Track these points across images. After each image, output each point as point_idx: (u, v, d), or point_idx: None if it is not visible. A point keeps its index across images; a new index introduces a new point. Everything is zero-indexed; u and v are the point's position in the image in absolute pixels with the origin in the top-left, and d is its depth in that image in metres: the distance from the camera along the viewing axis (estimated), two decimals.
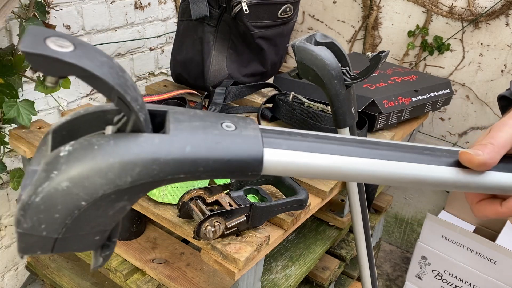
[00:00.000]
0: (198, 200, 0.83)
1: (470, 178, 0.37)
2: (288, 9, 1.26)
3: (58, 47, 0.25)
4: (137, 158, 0.28)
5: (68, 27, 1.32)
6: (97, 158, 0.27)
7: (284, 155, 0.33)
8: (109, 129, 0.29)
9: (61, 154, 0.27)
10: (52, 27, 1.06)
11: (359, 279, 1.39)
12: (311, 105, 1.10)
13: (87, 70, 0.25)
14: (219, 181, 0.93)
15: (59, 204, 0.26)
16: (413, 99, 1.23)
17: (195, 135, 0.30)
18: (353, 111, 0.86)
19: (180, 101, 1.20)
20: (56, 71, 0.25)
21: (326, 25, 1.88)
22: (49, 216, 0.26)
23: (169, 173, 0.29)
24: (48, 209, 0.26)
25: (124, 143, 0.28)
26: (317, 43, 0.82)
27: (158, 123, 0.31)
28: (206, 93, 1.25)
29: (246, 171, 0.31)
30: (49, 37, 0.25)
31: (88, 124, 0.30)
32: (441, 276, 1.55)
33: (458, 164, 0.37)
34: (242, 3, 1.15)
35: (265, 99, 1.22)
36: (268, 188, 0.95)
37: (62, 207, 0.26)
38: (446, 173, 0.36)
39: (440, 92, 1.32)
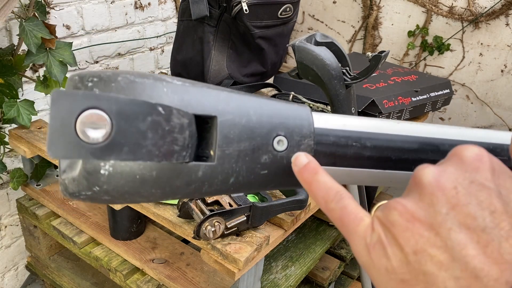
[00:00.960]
0: (198, 200, 0.83)
1: None
2: (288, 9, 1.26)
3: (89, 133, 0.22)
4: (178, 190, 0.27)
5: (68, 27, 1.32)
6: (138, 188, 0.26)
7: (331, 172, 0.31)
8: None
9: (101, 172, 0.25)
10: (52, 27, 1.06)
11: (359, 279, 1.39)
12: (311, 105, 1.10)
13: (123, 161, 0.24)
14: None
15: (103, 201, 0.27)
16: (413, 99, 1.23)
17: (242, 163, 0.28)
18: (353, 111, 0.86)
19: None
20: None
21: (326, 25, 1.88)
22: (96, 200, 0.27)
23: (209, 196, 0.29)
24: (94, 200, 0.27)
25: (167, 176, 0.27)
26: (317, 43, 0.82)
27: (206, 128, 0.29)
28: None
29: (286, 188, 0.31)
30: (82, 112, 0.22)
31: None
32: None
33: None
34: (242, 3, 1.15)
35: None
36: None
37: (107, 202, 0.27)
38: None
39: (440, 92, 1.32)
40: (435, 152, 0.32)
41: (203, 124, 0.29)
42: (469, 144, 0.26)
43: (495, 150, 0.33)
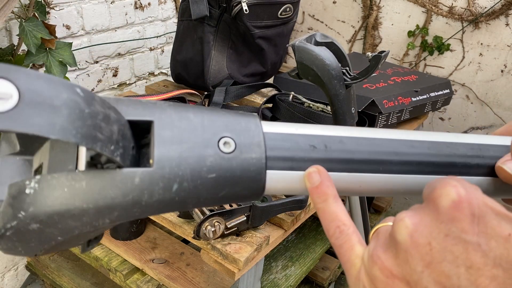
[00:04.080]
0: None
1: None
2: (288, 9, 1.26)
3: None
4: (114, 203, 0.24)
5: (68, 27, 1.32)
6: (68, 204, 0.23)
7: (288, 177, 0.29)
8: (82, 161, 0.25)
9: (27, 191, 0.23)
10: (52, 27, 1.06)
11: None
12: (311, 105, 1.10)
13: (33, 133, 0.21)
14: None
15: (32, 238, 0.24)
16: (413, 99, 1.23)
17: (185, 166, 0.25)
18: (353, 111, 0.86)
19: (180, 101, 1.20)
20: None
21: (326, 25, 1.88)
22: (24, 244, 0.24)
23: (154, 212, 0.25)
24: (21, 240, 0.24)
25: (99, 185, 0.24)
26: (317, 43, 0.82)
27: (144, 130, 0.27)
28: (206, 93, 1.25)
29: (242, 200, 0.28)
30: None
31: None
32: None
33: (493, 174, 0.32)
34: (242, 3, 1.15)
35: (265, 99, 1.22)
36: None
37: (36, 241, 0.24)
38: (482, 184, 0.31)
39: (440, 92, 1.32)
40: (403, 153, 0.30)
41: (144, 134, 0.26)
42: (447, 185, 0.24)
43: (472, 148, 0.31)
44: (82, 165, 0.25)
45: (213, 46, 1.24)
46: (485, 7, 1.50)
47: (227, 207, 0.81)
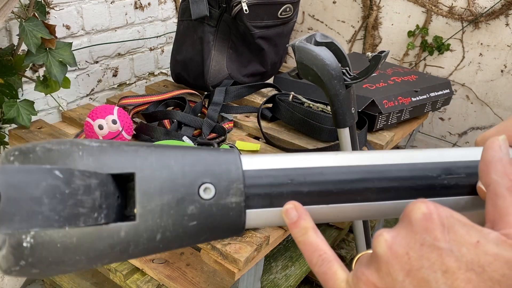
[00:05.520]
0: None
1: None
2: (288, 9, 1.26)
3: None
4: (103, 254, 0.26)
5: (68, 27, 1.32)
6: (61, 256, 0.25)
7: (267, 214, 0.30)
8: None
9: (24, 244, 0.25)
10: (52, 27, 1.06)
11: None
12: (311, 105, 1.10)
13: (15, 232, 0.24)
14: None
15: (33, 274, 0.26)
16: (413, 99, 1.23)
17: (167, 217, 0.27)
18: (353, 111, 0.86)
19: (180, 101, 1.20)
20: None
21: (326, 25, 1.88)
22: (26, 274, 0.26)
23: (140, 256, 0.27)
24: (24, 274, 0.26)
25: (88, 241, 0.26)
26: (317, 43, 0.82)
27: (130, 186, 0.28)
28: (206, 93, 1.25)
29: (223, 238, 0.30)
30: None
31: None
32: None
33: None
34: (242, 3, 1.15)
35: (265, 99, 1.22)
36: None
37: (37, 275, 0.27)
38: (461, 202, 0.32)
39: (440, 92, 1.32)
40: (381, 180, 0.31)
41: (127, 182, 0.28)
42: (418, 201, 0.26)
43: (449, 169, 0.31)
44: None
45: (213, 46, 1.24)
46: (485, 7, 1.50)
47: None
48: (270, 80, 1.39)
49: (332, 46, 0.82)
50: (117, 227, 0.26)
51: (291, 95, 1.14)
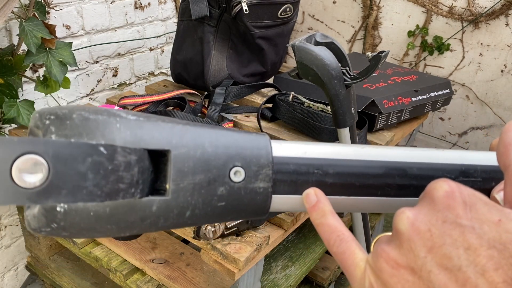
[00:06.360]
0: None
1: None
2: (288, 9, 1.26)
3: (27, 177, 0.23)
4: (133, 225, 0.27)
5: (68, 27, 1.32)
6: (93, 223, 0.26)
7: (291, 200, 0.31)
8: None
9: (58, 209, 0.25)
10: (52, 27, 1.06)
11: None
12: (311, 105, 1.10)
13: (62, 204, 0.24)
14: None
15: (63, 236, 0.27)
16: (413, 99, 1.23)
17: (198, 196, 0.28)
18: (353, 111, 0.86)
19: (180, 101, 1.20)
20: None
21: (326, 25, 1.88)
22: (56, 235, 0.27)
23: (168, 229, 0.29)
24: (54, 235, 0.27)
25: (121, 212, 0.26)
26: (317, 43, 0.82)
27: (162, 161, 0.29)
28: (206, 93, 1.25)
29: (247, 219, 0.31)
30: (20, 157, 0.23)
31: None
32: None
33: None
34: (242, 3, 1.15)
35: (265, 99, 1.22)
36: None
37: (66, 237, 0.27)
38: None
39: (440, 92, 1.32)
40: (402, 176, 0.31)
41: (160, 157, 0.28)
42: (439, 180, 0.26)
43: (467, 171, 0.32)
44: None
45: (213, 46, 1.24)
46: (485, 7, 1.50)
47: None
48: (270, 80, 1.39)
49: (332, 46, 0.82)
50: (149, 202, 0.27)
51: (291, 95, 1.14)
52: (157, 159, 0.28)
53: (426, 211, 0.26)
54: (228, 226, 0.79)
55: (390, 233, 0.28)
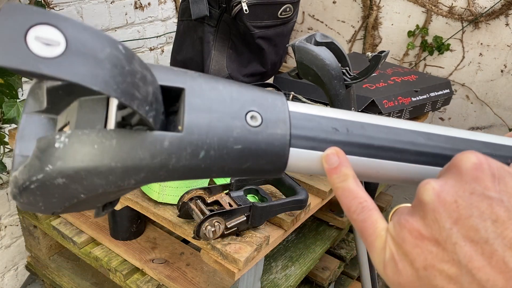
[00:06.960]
0: (198, 200, 0.83)
1: None
2: (288, 9, 1.26)
3: (42, 48, 0.21)
4: (142, 164, 0.24)
5: None
6: (96, 160, 0.24)
7: (310, 156, 0.29)
8: (112, 120, 0.25)
9: (56, 145, 0.23)
10: None
11: (359, 279, 1.39)
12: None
13: (77, 82, 0.21)
14: (219, 181, 0.93)
15: (55, 193, 0.24)
16: (413, 99, 1.23)
17: (213, 135, 0.26)
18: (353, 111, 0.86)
19: None
20: (39, 78, 0.22)
21: (326, 25, 1.88)
22: (46, 199, 0.24)
23: (178, 178, 0.26)
24: (44, 195, 0.24)
25: (129, 145, 0.24)
26: (317, 43, 0.82)
27: (174, 96, 0.27)
28: None
29: (264, 175, 0.29)
30: (34, 26, 0.21)
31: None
32: None
33: None
34: (242, 3, 1.15)
35: None
36: (268, 188, 0.95)
37: (59, 196, 0.24)
38: None
39: (440, 92, 1.32)
40: (426, 142, 0.31)
41: (173, 102, 0.27)
42: (467, 152, 0.26)
43: (494, 148, 0.32)
44: (111, 124, 0.25)
45: (213, 46, 1.24)
46: (485, 7, 1.50)
47: (227, 207, 0.82)
48: (270, 80, 1.39)
49: (332, 46, 0.82)
50: (161, 135, 0.25)
51: (291, 95, 1.13)
52: (170, 104, 0.27)
53: (452, 182, 0.25)
54: (228, 226, 0.79)
55: (409, 204, 0.27)
